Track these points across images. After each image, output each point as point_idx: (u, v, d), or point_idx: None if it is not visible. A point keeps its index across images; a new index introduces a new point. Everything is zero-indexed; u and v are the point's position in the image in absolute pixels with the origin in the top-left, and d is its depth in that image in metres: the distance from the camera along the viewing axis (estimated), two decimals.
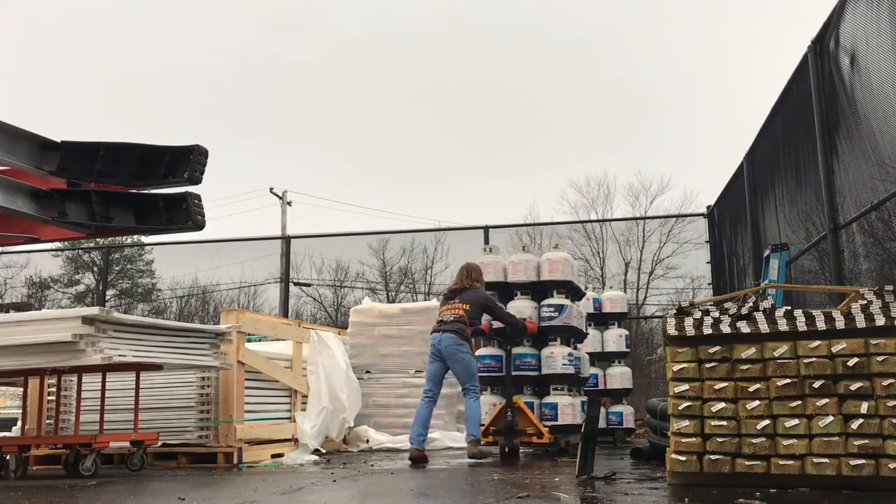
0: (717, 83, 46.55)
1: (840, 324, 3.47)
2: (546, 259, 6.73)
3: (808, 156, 6.00)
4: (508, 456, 5.92)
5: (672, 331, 3.69)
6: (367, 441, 7.33)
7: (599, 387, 8.02)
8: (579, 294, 7.28)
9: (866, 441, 3.28)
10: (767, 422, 3.44)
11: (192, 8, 56.08)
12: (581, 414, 6.50)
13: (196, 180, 3.84)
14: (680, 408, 3.58)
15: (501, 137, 48.20)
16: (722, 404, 3.52)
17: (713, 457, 3.48)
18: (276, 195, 24.90)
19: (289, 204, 25.03)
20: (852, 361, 3.38)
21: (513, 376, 6.35)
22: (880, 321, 3.41)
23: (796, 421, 3.40)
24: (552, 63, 49.42)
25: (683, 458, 3.51)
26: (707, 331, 3.63)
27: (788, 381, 3.45)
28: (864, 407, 3.32)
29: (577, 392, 6.95)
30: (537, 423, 6.16)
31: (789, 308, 3.64)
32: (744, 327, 3.61)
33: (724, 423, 3.50)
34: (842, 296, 4.18)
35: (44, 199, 3.86)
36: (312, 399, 6.75)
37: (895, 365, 3.32)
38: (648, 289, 17.72)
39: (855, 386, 3.35)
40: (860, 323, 3.44)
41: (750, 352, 3.55)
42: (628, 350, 8.46)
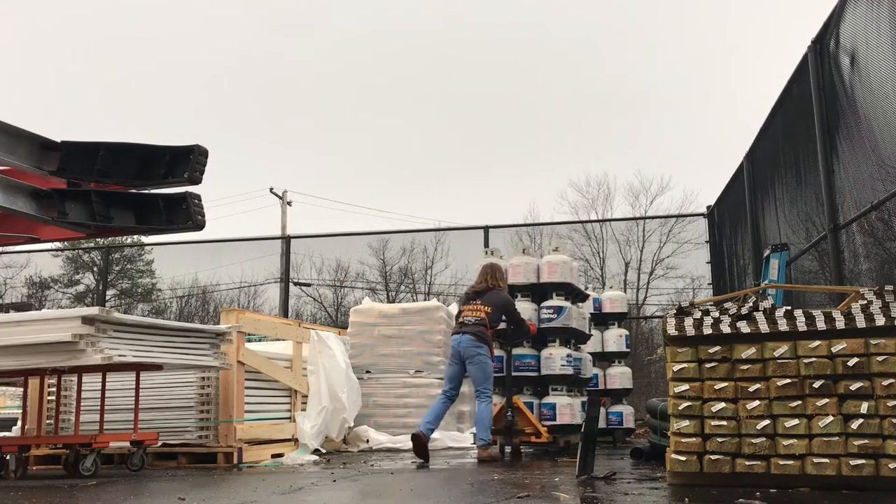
0: (717, 83, 46.62)
1: (840, 324, 3.47)
2: (545, 261, 6.79)
3: (808, 156, 6.00)
4: (510, 455, 5.95)
5: (672, 331, 3.69)
6: (367, 441, 7.33)
7: (599, 387, 8.03)
8: (581, 296, 7.31)
9: (866, 441, 3.28)
10: (767, 422, 3.44)
11: (192, 8, 56.12)
12: (581, 414, 6.51)
13: (196, 180, 3.84)
14: (680, 408, 3.58)
15: (501, 137, 48.25)
16: (722, 404, 3.52)
17: (713, 457, 3.48)
18: (276, 195, 24.91)
19: (289, 204, 25.05)
20: (852, 361, 3.38)
21: (513, 377, 6.43)
22: (880, 321, 3.41)
23: (796, 421, 3.40)
24: (552, 63, 49.48)
25: (683, 458, 3.52)
26: (707, 331, 3.63)
27: (788, 381, 3.45)
28: (864, 407, 3.32)
29: (578, 392, 7.00)
30: (536, 423, 6.23)
31: (789, 308, 3.64)
32: (744, 327, 3.61)
33: (724, 423, 3.50)
34: (842, 296, 4.18)
35: (44, 199, 3.86)
36: (312, 399, 6.75)
37: (895, 365, 3.33)
38: (648, 289, 17.73)
39: (855, 386, 3.36)
40: (860, 323, 3.44)
41: (750, 352, 3.55)
42: (628, 350, 8.46)
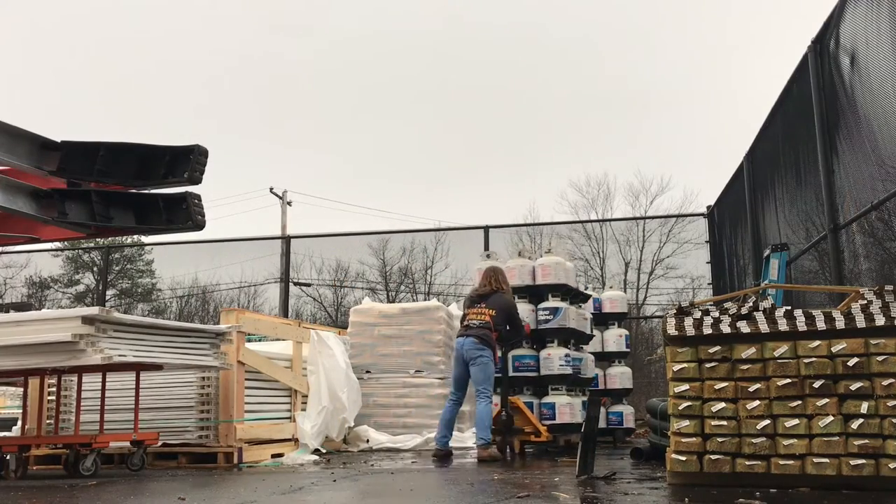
0: (717, 83, 46.59)
1: (840, 324, 3.47)
2: (539, 264, 6.91)
3: (808, 156, 6.00)
4: (509, 454, 6.03)
5: (672, 331, 3.69)
6: (367, 441, 7.33)
7: (599, 387, 8.04)
8: (581, 297, 7.36)
9: (866, 441, 3.28)
10: (767, 422, 3.44)
11: (192, 8, 56.12)
12: (581, 413, 6.54)
13: (196, 180, 3.84)
14: (680, 408, 3.58)
15: (501, 137, 48.26)
16: (722, 404, 3.52)
17: (713, 457, 3.48)
18: (276, 195, 24.90)
19: (289, 204, 25.04)
20: (852, 361, 3.38)
21: (511, 377, 6.53)
22: (880, 321, 3.41)
23: (796, 421, 3.40)
24: (552, 63, 49.49)
25: (683, 458, 3.51)
26: (707, 331, 3.63)
27: (788, 381, 3.45)
28: (864, 407, 3.32)
29: (578, 392, 7.06)
30: (535, 422, 6.31)
31: (789, 308, 3.64)
32: (744, 327, 3.61)
33: (724, 423, 3.50)
34: (842, 296, 4.18)
35: (44, 199, 3.86)
36: (312, 399, 6.75)
37: (895, 365, 3.33)
38: (648, 289, 17.73)
39: (855, 386, 3.35)
40: (860, 323, 3.44)
41: (750, 352, 3.55)
42: (628, 350, 8.47)
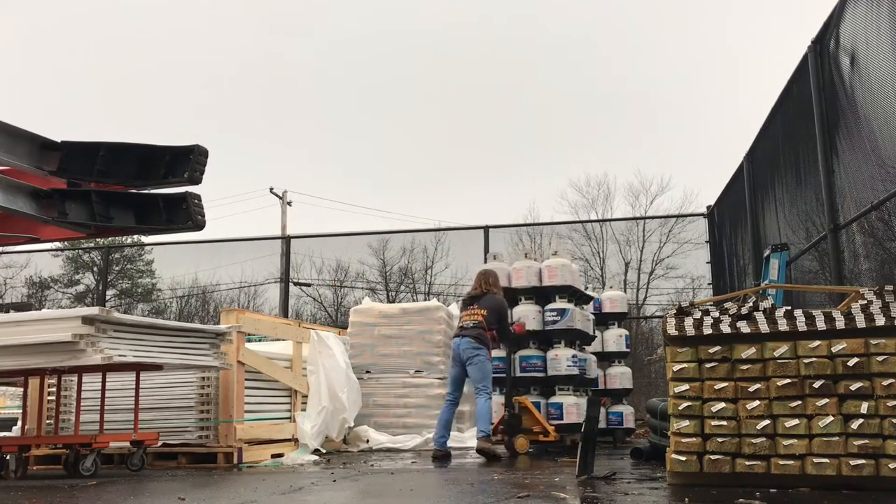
0: (718, 83, 46.58)
1: (840, 324, 3.47)
2: (545, 266, 7.06)
3: (808, 156, 6.00)
4: (514, 453, 6.17)
5: (672, 331, 3.69)
6: (367, 441, 7.33)
7: (599, 387, 8.04)
8: (585, 297, 7.48)
9: (866, 441, 3.28)
10: (767, 422, 3.44)
11: (192, 8, 56.12)
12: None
13: (196, 180, 3.84)
14: (680, 408, 3.59)
15: (501, 137, 48.26)
16: (722, 404, 3.52)
17: (713, 457, 3.48)
18: (276, 195, 24.90)
19: (289, 204, 25.04)
20: (852, 361, 3.38)
21: (518, 377, 6.75)
22: (880, 321, 3.41)
23: (796, 421, 3.40)
24: (552, 63, 49.49)
25: (683, 458, 3.52)
26: (707, 331, 3.63)
27: (788, 381, 3.45)
28: (864, 407, 3.32)
29: (582, 392, 7.15)
30: (543, 422, 6.41)
31: (789, 308, 3.64)
32: (744, 327, 3.61)
33: (724, 423, 3.50)
34: (842, 296, 4.18)
35: (44, 199, 3.86)
36: (312, 399, 6.75)
37: (895, 365, 3.33)
38: (648, 289, 17.71)
39: (855, 386, 3.36)
40: (860, 323, 3.44)
41: (750, 352, 3.55)
42: (628, 350, 8.48)
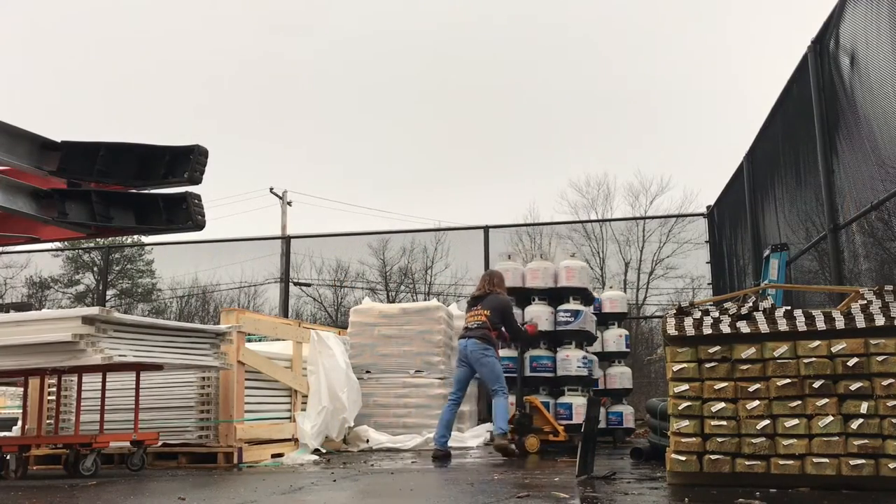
0: (717, 83, 46.58)
1: (840, 324, 3.47)
2: (564, 266, 7.19)
3: (808, 156, 5.99)
4: (525, 452, 6.24)
5: (672, 331, 3.69)
6: (367, 441, 7.33)
7: (599, 387, 8.06)
8: (590, 300, 7.59)
9: (866, 441, 3.28)
10: (767, 422, 3.44)
11: (192, 8, 56.12)
12: None
13: (196, 180, 3.84)
14: (680, 408, 3.59)
15: (501, 137, 48.27)
16: (722, 404, 3.52)
17: (713, 457, 3.48)
18: (276, 195, 24.91)
19: (289, 204, 25.05)
20: (852, 361, 3.38)
21: (527, 377, 6.85)
22: (880, 321, 3.41)
23: (796, 421, 3.40)
24: (552, 63, 49.49)
25: (683, 458, 3.52)
26: (707, 331, 3.63)
27: (788, 381, 3.45)
28: (864, 407, 3.32)
29: (587, 392, 7.23)
30: (553, 422, 6.45)
31: (789, 308, 3.64)
32: (744, 327, 3.61)
33: (724, 423, 3.50)
34: (842, 296, 4.18)
35: (44, 199, 3.86)
36: (312, 399, 6.75)
37: (895, 365, 3.33)
38: (648, 289, 17.70)
39: (855, 386, 3.36)
40: (860, 323, 3.44)
41: (750, 352, 3.55)
42: (628, 350, 8.48)
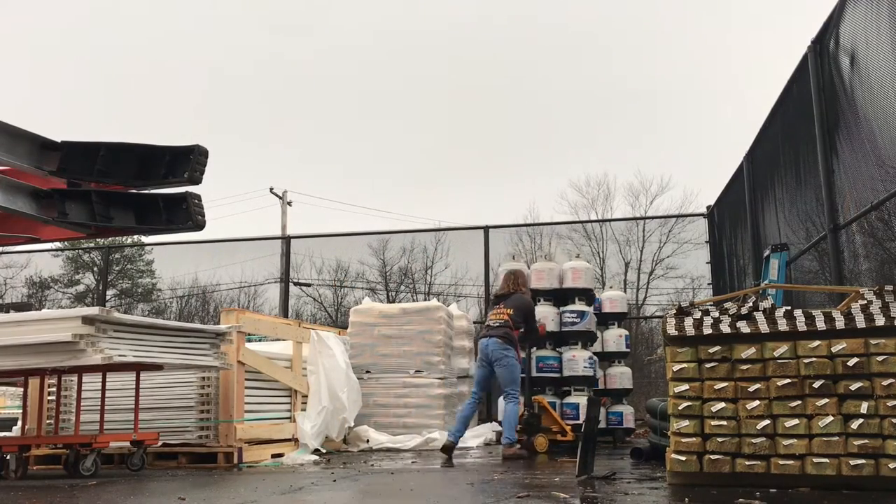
0: (718, 83, 46.59)
1: (840, 324, 3.47)
2: (570, 268, 7.21)
3: (808, 156, 5.99)
4: (534, 452, 6.26)
5: (672, 331, 3.69)
6: (367, 441, 7.33)
7: (599, 387, 8.05)
8: (592, 300, 7.63)
9: (866, 441, 3.28)
10: (767, 422, 3.44)
11: (193, 8, 56.13)
12: None
13: (196, 180, 3.84)
14: (680, 408, 3.59)
15: (501, 137, 48.28)
16: (722, 404, 3.52)
17: (713, 457, 3.48)
18: (276, 195, 24.91)
19: (289, 204, 25.05)
20: (852, 361, 3.38)
21: (533, 377, 6.86)
22: (880, 321, 3.41)
23: (796, 421, 3.40)
24: (553, 63, 49.51)
25: (683, 458, 3.52)
26: (707, 331, 3.63)
27: (788, 381, 3.45)
28: (864, 407, 3.32)
29: (588, 391, 7.27)
30: (561, 422, 6.46)
31: (789, 308, 3.64)
32: (744, 327, 3.61)
33: (724, 423, 3.50)
34: (842, 296, 4.18)
35: (44, 199, 3.86)
36: (312, 399, 6.75)
37: (895, 365, 3.33)
38: (648, 289, 17.70)
39: (855, 386, 3.36)
40: (860, 323, 3.44)
41: (750, 352, 3.55)
42: (628, 350, 8.48)
